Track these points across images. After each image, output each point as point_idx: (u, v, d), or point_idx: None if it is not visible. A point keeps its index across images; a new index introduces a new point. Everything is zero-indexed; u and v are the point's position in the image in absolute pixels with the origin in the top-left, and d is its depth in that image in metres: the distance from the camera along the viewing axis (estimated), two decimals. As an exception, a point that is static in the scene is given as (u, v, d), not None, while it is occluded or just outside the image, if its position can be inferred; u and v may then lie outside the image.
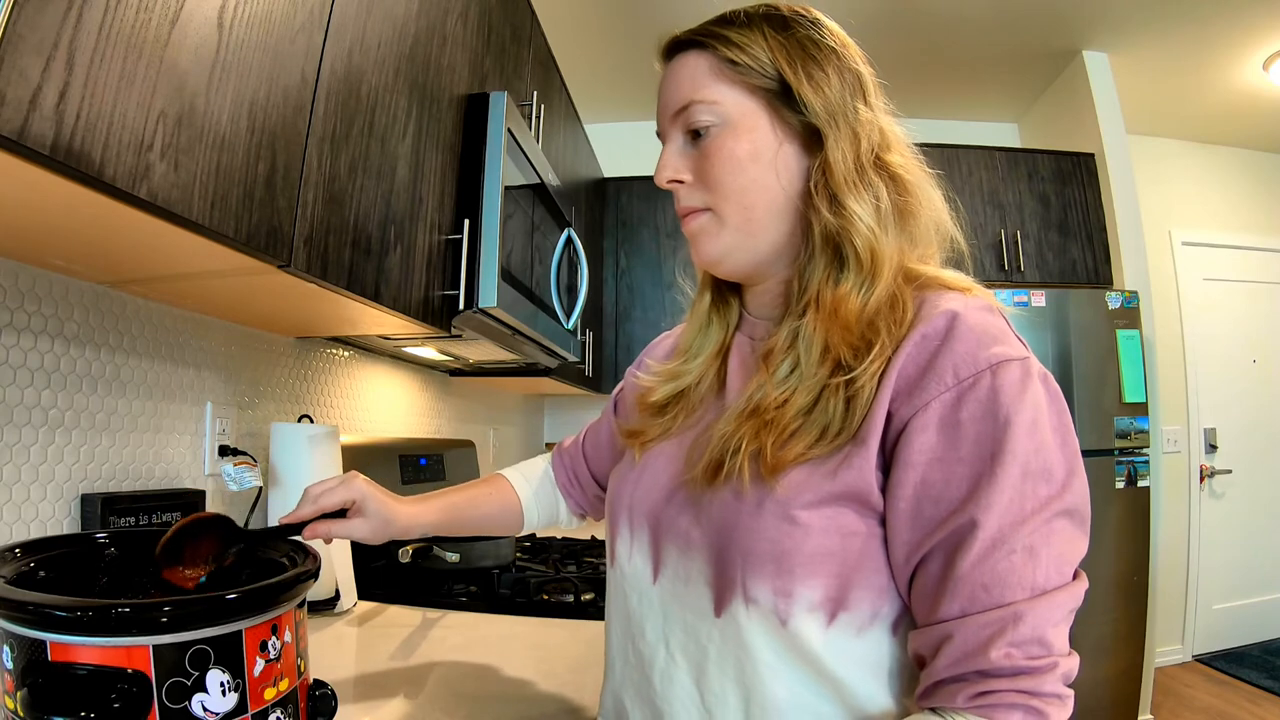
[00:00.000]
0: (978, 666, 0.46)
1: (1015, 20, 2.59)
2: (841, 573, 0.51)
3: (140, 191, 0.58)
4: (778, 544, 0.51)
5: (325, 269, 0.87)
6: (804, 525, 0.51)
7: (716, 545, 0.55)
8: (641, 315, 2.91)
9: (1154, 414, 2.45)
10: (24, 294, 0.82)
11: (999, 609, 0.46)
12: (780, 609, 0.52)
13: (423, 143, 1.13)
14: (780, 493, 0.52)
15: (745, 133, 0.59)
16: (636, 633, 0.62)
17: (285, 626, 0.51)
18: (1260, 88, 2.93)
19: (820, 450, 0.52)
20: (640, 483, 0.66)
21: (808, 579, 0.51)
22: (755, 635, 0.53)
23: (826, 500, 0.51)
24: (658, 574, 0.61)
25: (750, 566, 0.52)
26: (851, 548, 0.51)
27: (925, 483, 0.49)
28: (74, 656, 0.43)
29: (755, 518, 0.52)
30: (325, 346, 1.49)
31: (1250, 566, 3.31)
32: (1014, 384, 0.48)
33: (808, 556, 0.51)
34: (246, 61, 0.71)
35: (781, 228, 0.60)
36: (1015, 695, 0.45)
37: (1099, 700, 2.30)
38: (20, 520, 0.82)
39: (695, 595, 0.56)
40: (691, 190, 0.62)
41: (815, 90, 0.57)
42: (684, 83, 0.61)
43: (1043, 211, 2.80)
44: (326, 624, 1.09)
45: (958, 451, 0.48)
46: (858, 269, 0.56)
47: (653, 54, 0.66)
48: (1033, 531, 0.47)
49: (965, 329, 0.50)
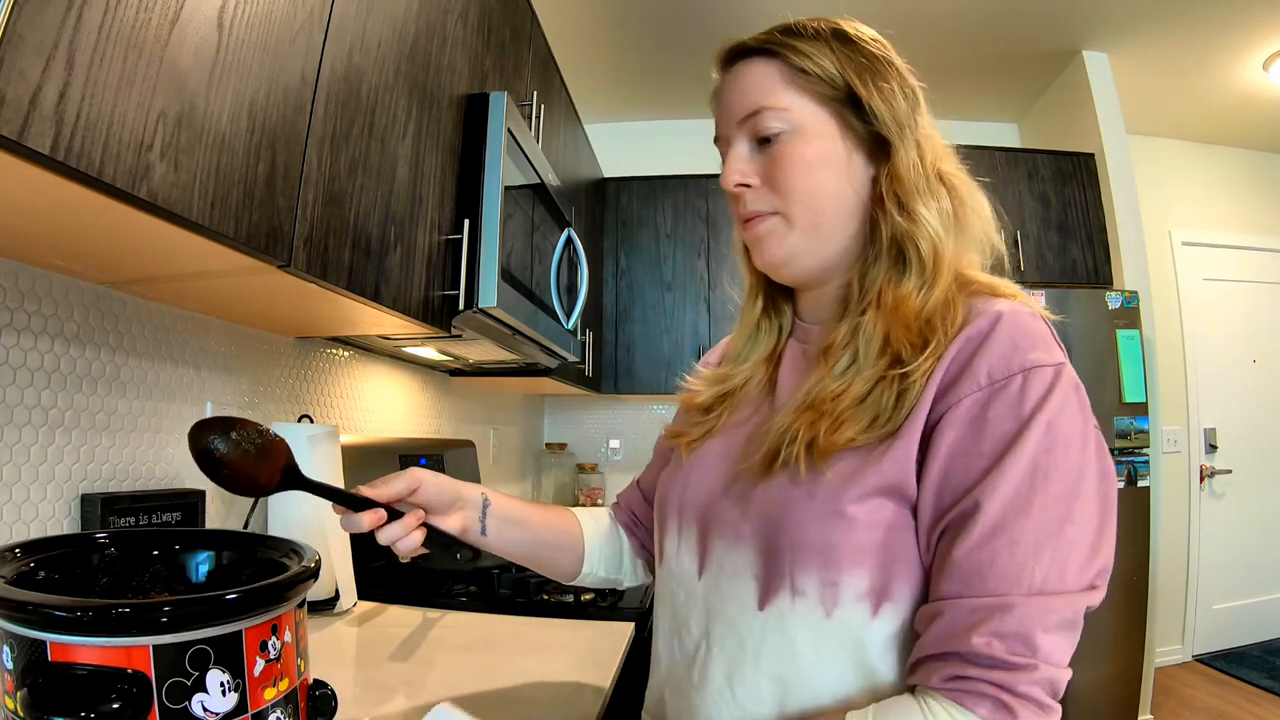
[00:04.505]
0: (957, 648, 0.47)
1: (1015, 20, 2.59)
2: (884, 564, 0.53)
3: (140, 191, 0.58)
4: (826, 536, 0.53)
5: (325, 269, 0.87)
6: (850, 518, 0.53)
7: (766, 537, 0.56)
8: (641, 315, 2.90)
9: (1154, 414, 2.45)
10: (24, 294, 0.82)
11: (991, 597, 0.47)
12: (826, 600, 0.54)
13: (423, 143, 1.13)
14: (830, 480, 0.54)
15: (815, 139, 0.61)
16: (682, 628, 0.64)
17: (285, 626, 0.51)
18: (1260, 88, 2.93)
19: (869, 437, 0.54)
20: (689, 481, 0.67)
21: (853, 569, 0.53)
22: (798, 628, 0.55)
23: (871, 493, 0.53)
24: (703, 569, 0.62)
25: (799, 558, 0.54)
26: (892, 540, 0.53)
27: (947, 473, 0.51)
28: (74, 656, 0.43)
29: (806, 509, 0.54)
30: (325, 346, 1.49)
31: (1250, 566, 3.31)
32: (1042, 388, 0.50)
33: (853, 548, 0.53)
34: (246, 61, 0.71)
35: (847, 231, 0.63)
36: (987, 686, 0.45)
37: (1099, 700, 2.30)
38: (20, 520, 0.82)
39: (740, 589, 0.58)
40: (759, 194, 0.63)
41: (884, 101, 0.60)
42: (753, 89, 0.63)
43: (1043, 211, 2.80)
44: (326, 624, 1.09)
45: (979, 446, 0.50)
46: (919, 270, 0.58)
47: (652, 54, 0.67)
48: (1039, 529, 0.47)
49: (1005, 333, 0.53)
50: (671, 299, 2.90)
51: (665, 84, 3.07)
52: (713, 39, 0.72)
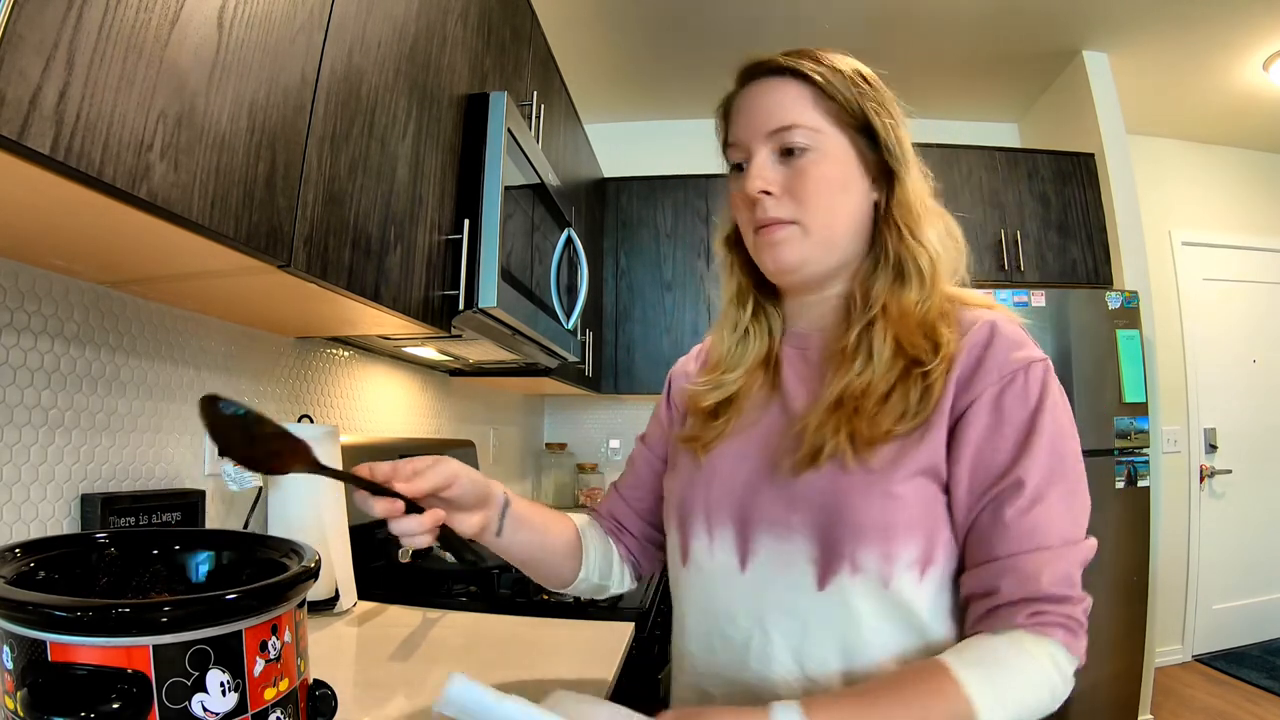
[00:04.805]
0: (1031, 594, 0.58)
1: (1015, 20, 2.59)
2: (928, 534, 0.62)
3: (140, 191, 0.58)
4: (883, 516, 0.61)
5: (325, 269, 0.87)
6: (900, 497, 0.62)
7: (822, 525, 0.63)
8: (641, 315, 2.90)
9: (1154, 414, 2.45)
10: (24, 294, 0.82)
11: (1042, 550, 0.58)
12: (884, 573, 0.61)
13: (423, 143, 1.13)
14: (878, 468, 0.62)
15: (837, 161, 0.68)
16: (724, 622, 0.68)
17: (285, 626, 0.51)
18: (1260, 88, 2.93)
19: (903, 428, 0.63)
20: (712, 485, 0.71)
21: (906, 542, 0.62)
22: (860, 600, 0.62)
23: (913, 474, 0.62)
24: (746, 563, 0.67)
25: (860, 539, 0.61)
26: (932, 513, 0.63)
27: (979, 455, 0.62)
28: (74, 656, 0.43)
29: (863, 493, 0.62)
30: (325, 346, 1.48)
31: (1250, 566, 3.31)
32: (1039, 379, 0.63)
33: (905, 524, 0.62)
34: (246, 61, 0.71)
35: (854, 246, 0.71)
36: (1059, 618, 0.58)
37: (1099, 700, 2.30)
38: (20, 520, 0.82)
39: (795, 574, 0.64)
40: (779, 202, 0.68)
41: (894, 135, 0.69)
42: (786, 106, 0.68)
43: (1043, 211, 2.80)
44: (326, 624, 1.09)
45: (1002, 430, 0.62)
46: (919, 284, 0.68)
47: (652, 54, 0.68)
48: (1061, 496, 0.60)
49: (1002, 338, 0.64)
50: (671, 299, 2.90)
51: (665, 84, 3.07)
52: (712, 40, 0.72)
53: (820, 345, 0.73)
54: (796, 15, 2.55)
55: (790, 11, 2.54)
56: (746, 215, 0.71)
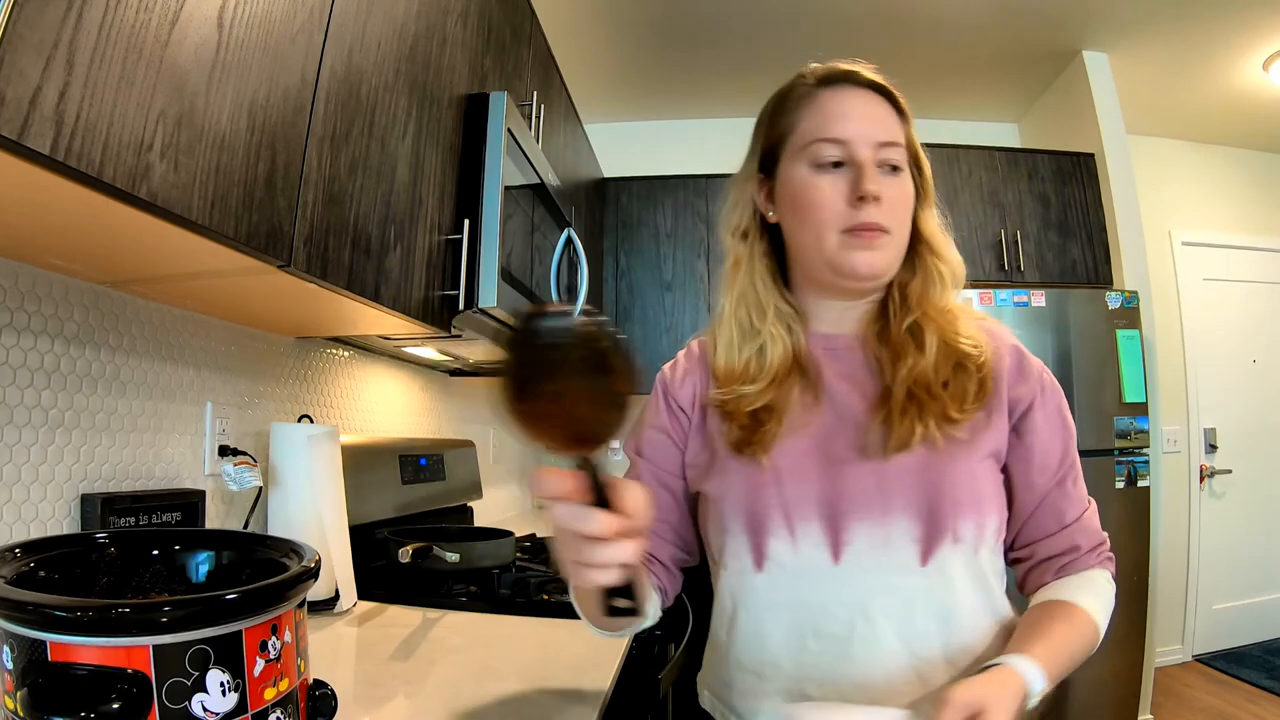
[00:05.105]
0: (1095, 542, 0.74)
1: (1015, 20, 2.59)
2: (999, 507, 0.72)
3: (140, 192, 0.58)
4: (976, 489, 0.70)
5: (325, 269, 0.87)
6: (983, 473, 0.71)
7: (926, 502, 0.68)
8: (641, 315, 2.90)
9: (1154, 414, 2.45)
10: (24, 294, 0.82)
11: (1087, 510, 0.75)
12: (975, 540, 0.69)
13: (423, 143, 1.13)
14: (963, 444, 0.69)
15: (909, 182, 0.74)
16: (818, 617, 0.69)
17: (285, 626, 0.51)
18: (1260, 88, 2.93)
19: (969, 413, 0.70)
20: (784, 484, 0.71)
21: (990, 511, 0.70)
22: (957, 570, 0.68)
23: (986, 455, 0.71)
24: (840, 554, 0.69)
25: (961, 510, 0.68)
26: (1000, 490, 0.73)
27: (1045, 444, 0.73)
28: (74, 657, 0.43)
29: (959, 468, 0.69)
30: (325, 346, 1.48)
31: (1250, 566, 3.31)
32: (1052, 378, 0.76)
33: (989, 496, 0.71)
34: (246, 62, 0.71)
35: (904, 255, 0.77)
36: (1108, 554, 0.75)
37: (1099, 700, 2.30)
38: (20, 520, 0.82)
39: (899, 554, 0.68)
40: (884, 212, 0.71)
41: (928, 164, 0.77)
42: (888, 124, 0.73)
43: (1043, 211, 2.80)
44: (326, 624, 1.09)
45: (1051, 422, 0.74)
46: (944, 286, 0.76)
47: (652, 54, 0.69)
48: (1079, 469, 0.76)
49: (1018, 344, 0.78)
50: (671, 299, 2.90)
51: (665, 84, 3.07)
52: (712, 40, 0.73)
53: (851, 345, 0.78)
54: (797, 16, 2.56)
55: (791, 12, 2.55)
56: (833, 213, 0.71)
